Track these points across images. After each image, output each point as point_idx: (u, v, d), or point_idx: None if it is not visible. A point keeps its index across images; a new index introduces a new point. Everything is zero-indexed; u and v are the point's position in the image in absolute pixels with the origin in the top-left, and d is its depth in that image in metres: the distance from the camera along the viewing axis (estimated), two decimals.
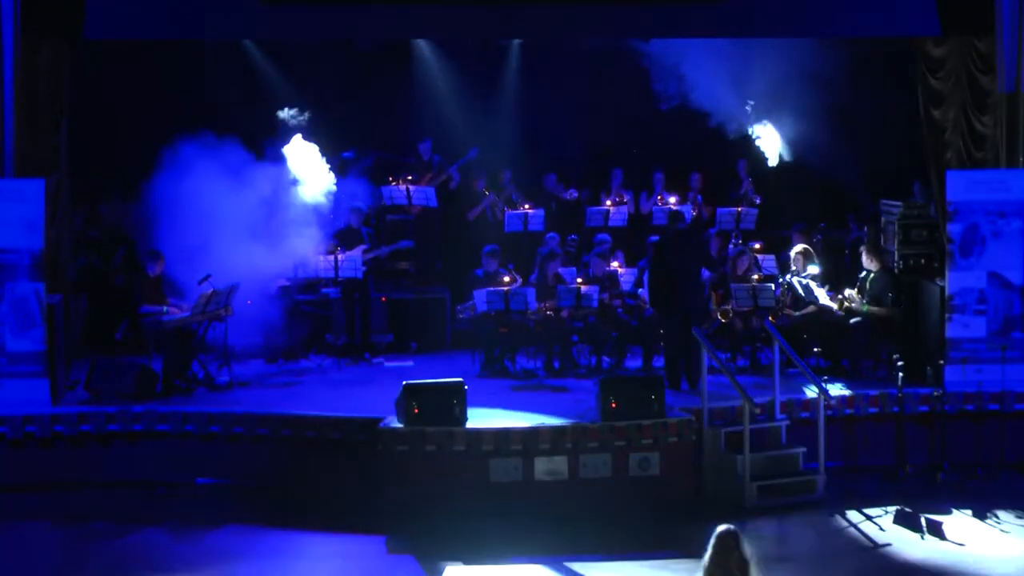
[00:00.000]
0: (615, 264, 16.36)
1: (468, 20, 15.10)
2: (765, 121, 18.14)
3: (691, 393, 14.20)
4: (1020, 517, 12.51)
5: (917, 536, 12.08)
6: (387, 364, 16.23)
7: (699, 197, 18.12)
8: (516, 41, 18.75)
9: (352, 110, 18.21)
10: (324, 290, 16.56)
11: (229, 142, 15.34)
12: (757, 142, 18.32)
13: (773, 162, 18.37)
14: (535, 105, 18.83)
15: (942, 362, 14.39)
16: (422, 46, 18.84)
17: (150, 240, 15.47)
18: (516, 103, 18.79)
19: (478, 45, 18.24)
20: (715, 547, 7.55)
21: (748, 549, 7.55)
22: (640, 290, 15.90)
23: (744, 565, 7.53)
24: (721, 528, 7.57)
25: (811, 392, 13.84)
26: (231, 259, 15.07)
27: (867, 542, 11.93)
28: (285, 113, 17.30)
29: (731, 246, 16.76)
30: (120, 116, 17.10)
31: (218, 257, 15.04)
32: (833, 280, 15.96)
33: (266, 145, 16.19)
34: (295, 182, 16.13)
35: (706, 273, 15.40)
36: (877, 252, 15.40)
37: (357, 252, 16.30)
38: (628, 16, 15.16)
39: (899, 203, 15.71)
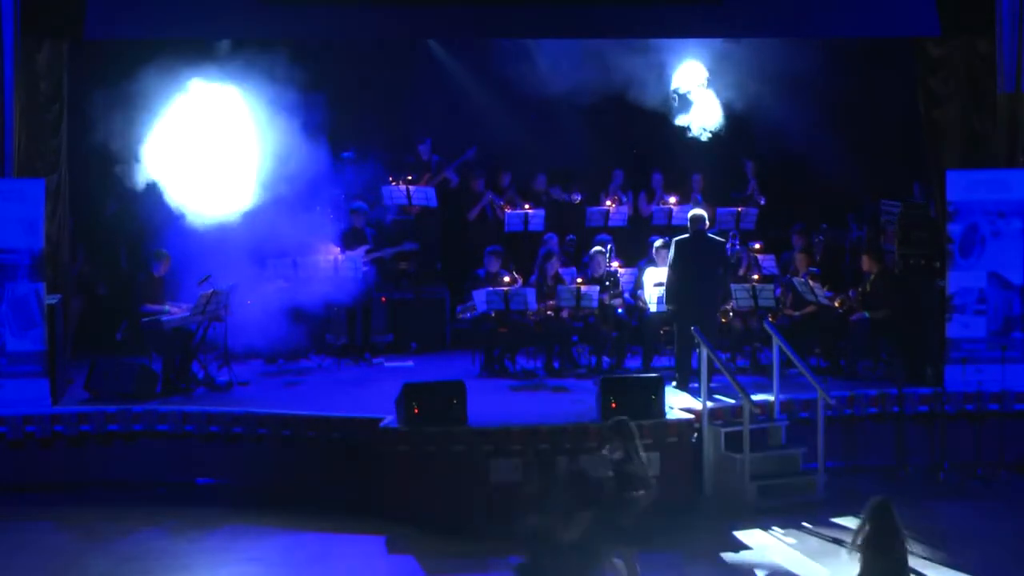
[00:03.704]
0: (615, 264, 16.36)
1: (468, 20, 15.12)
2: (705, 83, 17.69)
3: (691, 392, 14.18)
4: None
5: None
6: (387, 364, 16.22)
7: (699, 197, 18.10)
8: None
9: (352, 110, 18.18)
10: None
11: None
12: (692, 110, 17.88)
13: (708, 132, 17.94)
14: (536, 104, 18.80)
15: (942, 362, 14.40)
16: (423, 45, 18.82)
17: (151, 240, 15.49)
18: (516, 102, 18.73)
19: (479, 43, 18.21)
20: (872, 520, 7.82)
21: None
22: (640, 291, 15.90)
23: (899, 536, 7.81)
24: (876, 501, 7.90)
25: (811, 392, 13.83)
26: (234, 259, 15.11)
27: None
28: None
29: (727, 246, 16.73)
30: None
31: (220, 257, 15.08)
32: (833, 280, 15.95)
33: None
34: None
35: None
36: (878, 254, 15.39)
37: (359, 252, 16.30)
38: (629, 16, 15.18)
39: (899, 203, 15.71)
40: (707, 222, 14.82)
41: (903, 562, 8.07)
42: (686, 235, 14.73)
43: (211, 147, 15.02)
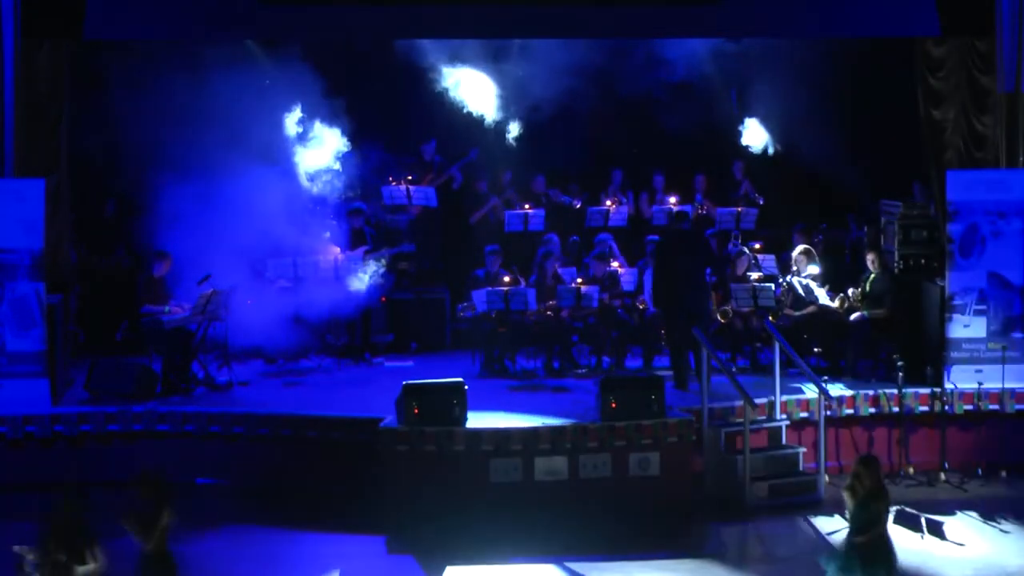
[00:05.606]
0: (615, 264, 16.36)
1: (468, 20, 15.10)
2: (749, 118, 18.31)
3: (691, 393, 14.18)
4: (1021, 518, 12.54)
5: (917, 536, 12.09)
6: (387, 364, 16.22)
7: (699, 197, 18.10)
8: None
9: (352, 110, 18.16)
10: None
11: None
12: (744, 134, 18.41)
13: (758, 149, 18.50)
14: (533, 103, 18.77)
15: (942, 362, 14.39)
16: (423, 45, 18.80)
17: (151, 240, 15.48)
18: (514, 102, 18.71)
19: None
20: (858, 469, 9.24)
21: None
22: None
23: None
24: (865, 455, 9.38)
25: (811, 392, 13.84)
26: (234, 259, 15.11)
27: None
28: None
29: (730, 245, 16.75)
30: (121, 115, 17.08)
31: (220, 257, 15.07)
32: (833, 280, 15.95)
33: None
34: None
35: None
36: (879, 253, 15.40)
37: (358, 252, 16.30)
38: (628, 16, 15.16)
39: (899, 203, 15.70)
40: (688, 220, 14.90)
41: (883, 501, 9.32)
42: (667, 236, 14.77)
43: None
